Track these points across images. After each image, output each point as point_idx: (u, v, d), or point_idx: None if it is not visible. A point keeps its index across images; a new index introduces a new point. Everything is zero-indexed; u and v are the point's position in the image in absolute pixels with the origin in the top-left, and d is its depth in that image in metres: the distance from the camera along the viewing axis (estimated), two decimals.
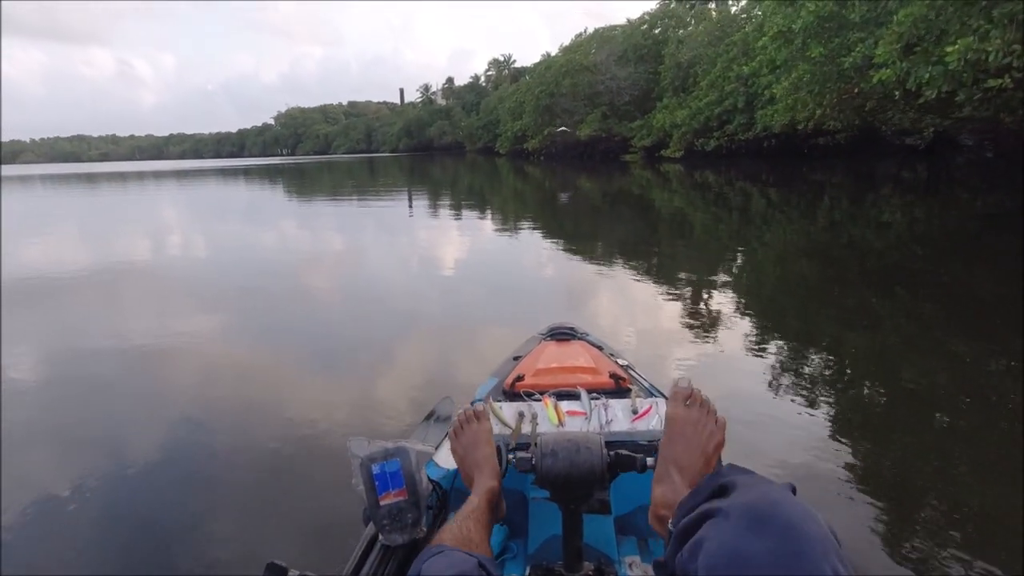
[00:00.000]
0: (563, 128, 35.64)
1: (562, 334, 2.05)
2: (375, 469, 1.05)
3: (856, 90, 8.10)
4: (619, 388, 1.62)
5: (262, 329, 4.79)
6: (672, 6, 36.01)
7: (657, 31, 34.89)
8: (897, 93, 6.89)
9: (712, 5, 33.66)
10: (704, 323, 4.42)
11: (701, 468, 0.91)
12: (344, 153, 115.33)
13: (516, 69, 74.78)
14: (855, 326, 4.19)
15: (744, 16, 27.54)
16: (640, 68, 33.50)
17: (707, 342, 3.96)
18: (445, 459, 1.40)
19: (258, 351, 4.28)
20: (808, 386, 3.19)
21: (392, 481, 1.06)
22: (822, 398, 3.06)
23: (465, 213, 13.48)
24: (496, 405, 1.44)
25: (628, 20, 38.24)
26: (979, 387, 3.16)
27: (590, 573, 1.14)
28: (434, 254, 7.96)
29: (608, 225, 10.68)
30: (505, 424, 1.37)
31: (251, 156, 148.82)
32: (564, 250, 7.87)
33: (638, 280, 5.91)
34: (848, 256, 6.69)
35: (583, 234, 9.70)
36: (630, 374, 1.77)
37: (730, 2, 33.36)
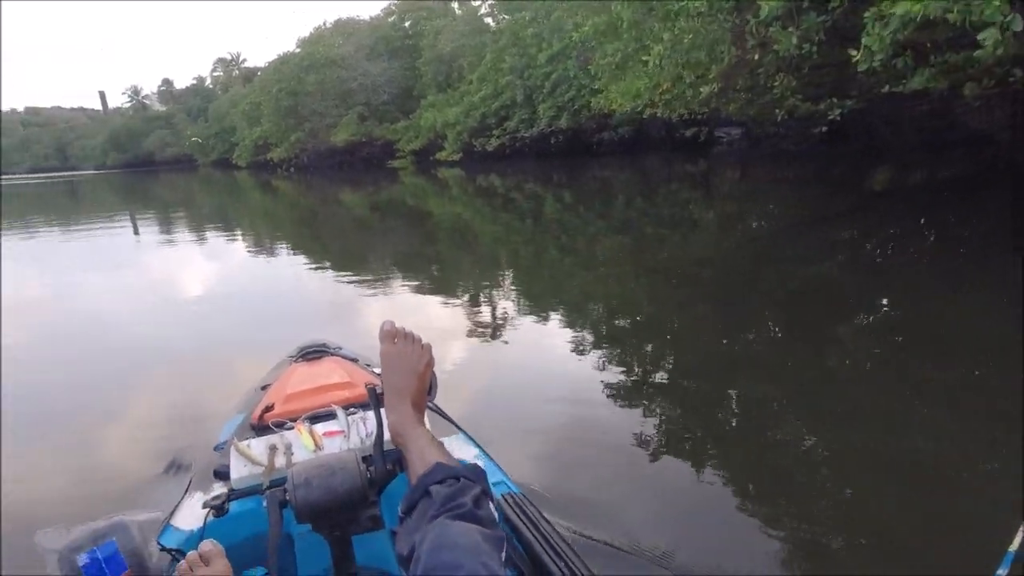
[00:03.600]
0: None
1: (312, 353, 1.91)
2: (83, 560, 0.84)
3: (756, 56, 5.86)
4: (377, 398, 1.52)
5: None
6: None
7: (407, 24, 32.08)
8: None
9: (455, 4, 32.12)
10: (477, 331, 4.38)
11: (417, 386, 0.98)
12: (26, 173, 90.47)
13: (248, 69, 66.50)
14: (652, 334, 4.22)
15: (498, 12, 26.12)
16: (395, 63, 30.29)
17: (477, 349, 3.99)
18: (187, 518, 1.22)
19: None
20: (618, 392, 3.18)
21: (111, 567, 0.85)
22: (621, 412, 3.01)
23: (208, 236, 12.15)
24: (243, 444, 1.30)
25: (371, 17, 34.91)
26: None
27: None
28: (173, 284, 7.31)
29: (378, 242, 10.02)
30: (256, 463, 1.23)
31: None
32: (327, 270, 7.50)
33: (409, 295, 5.78)
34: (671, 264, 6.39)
35: (349, 253, 9.06)
36: None
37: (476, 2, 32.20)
